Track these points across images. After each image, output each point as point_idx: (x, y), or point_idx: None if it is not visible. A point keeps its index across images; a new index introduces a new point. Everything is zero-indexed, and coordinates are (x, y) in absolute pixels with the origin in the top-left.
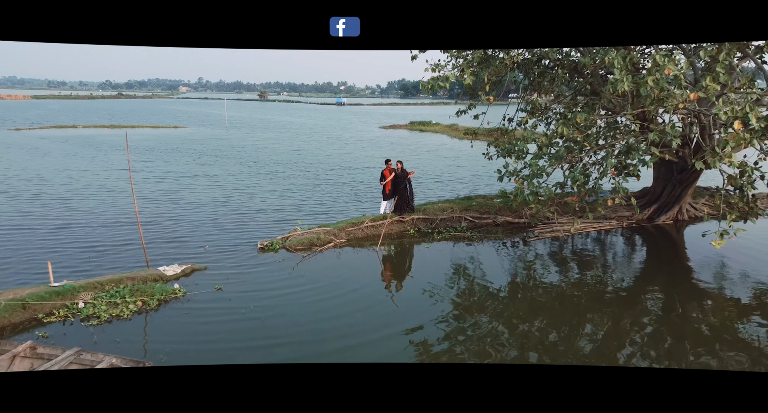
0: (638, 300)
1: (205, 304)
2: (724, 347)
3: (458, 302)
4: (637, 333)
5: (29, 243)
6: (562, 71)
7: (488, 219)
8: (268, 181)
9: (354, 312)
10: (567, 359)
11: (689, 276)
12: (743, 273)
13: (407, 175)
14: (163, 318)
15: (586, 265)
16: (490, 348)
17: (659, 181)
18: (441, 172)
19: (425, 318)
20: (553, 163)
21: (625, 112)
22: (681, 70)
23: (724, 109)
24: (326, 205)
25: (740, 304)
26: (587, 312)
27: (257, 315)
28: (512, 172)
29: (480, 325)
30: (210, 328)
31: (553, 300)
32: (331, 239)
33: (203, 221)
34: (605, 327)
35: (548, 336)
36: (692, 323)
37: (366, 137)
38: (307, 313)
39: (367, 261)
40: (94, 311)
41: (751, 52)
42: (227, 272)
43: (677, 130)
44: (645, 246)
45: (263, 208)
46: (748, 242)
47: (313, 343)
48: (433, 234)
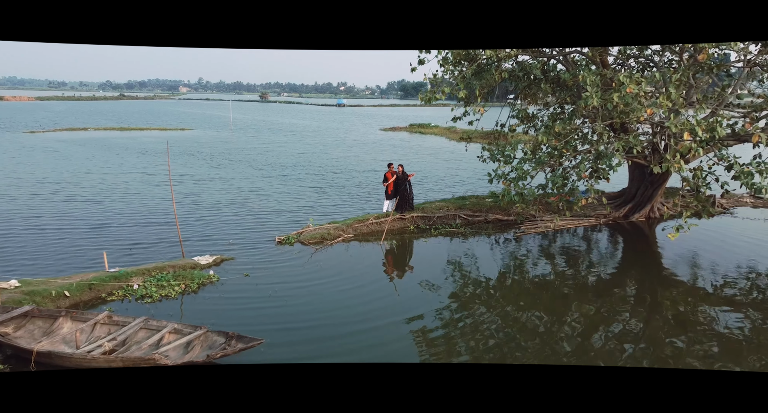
0: (615, 288)
1: (237, 287)
2: (689, 328)
3: (453, 292)
4: (614, 318)
5: (76, 240)
6: (545, 85)
7: (480, 217)
8: (280, 183)
9: (361, 299)
10: (552, 342)
11: (660, 267)
12: (709, 265)
13: (407, 177)
14: (204, 298)
15: (568, 258)
16: (483, 333)
17: (633, 183)
18: (442, 174)
19: (424, 306)
20: (536, 167)
21: (597, 123)
22: (641, 88)
23: (674, 122)
24: (335, 205)
25: (703, 291)
26: (571, 299)
27: (281, 295)
28: (501, 175)
29: (473, 312)
30: (243, 305)
31: (539, 290)
32: (340, 234)
33: (225, 220)
34: (586, 313)
35: (534, 321)
36: (662, 308)
37: (369, 139)
38: (321, 294)
39: (372, 254)
40: (146, 292)
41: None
42: (252, 262)
43: (639, 140)
44: (621, 240)
45: (278, 208)
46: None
47: (328, 326)
48: (430, 230)
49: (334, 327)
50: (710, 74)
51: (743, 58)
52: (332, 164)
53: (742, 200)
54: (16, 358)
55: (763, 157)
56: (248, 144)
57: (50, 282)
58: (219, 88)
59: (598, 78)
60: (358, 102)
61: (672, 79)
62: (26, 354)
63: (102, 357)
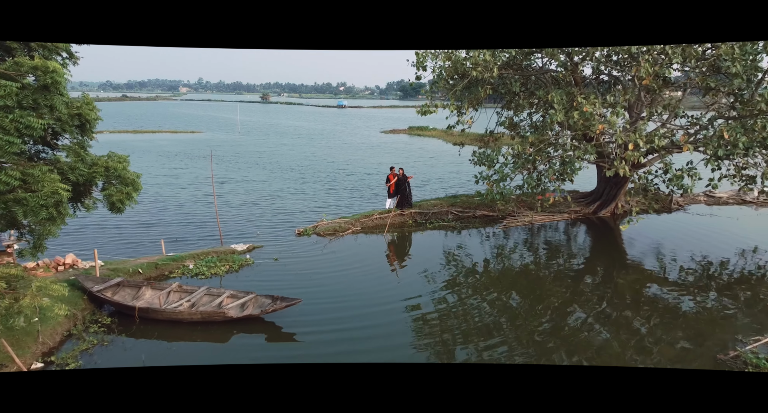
0: (586, 274)
1: (269, 269)
2: (643, 305)
3: (446, 276)
4: (584, 298)
5: (132, 234)
6: (523, 100)
7: (469, 213)
8: (295, 184)
9: (368, 277)
10: (532, 319)
11: (623, 255)
12: (664, 253)
13: (407, 179)
14: (245, 276)
15: (545, 248)
16: (471, 313)
17: (601, 184)
18: (442, 176)
19: (421, 289)
20: (514, 171)
21: (563, 134)
22: (596, 108)
23: (620, 135)
24: (344, 203)
25: (656, 275)
26: (547, 284)
27: (304, 274)
28: (485, 177)
29: (462, 294)
30: (276, 281)
31: (519, 275)
32: (350, 227)
33: (251, 216)
34: (560, 295)
35: (515, 303)
36: (623, 290)
37: (372, 142)
38: (336, 274)
39: (377, 244)
40: (198, 271)
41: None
42: (278, 249)
43: (593, 148)
44: (590, 233)
45: (295, 206)
46: (675, 228)
47: (344, 298)
48: (426, 224)
49: (349, 299)
50: (658, 93)
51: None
52: (341, 167)
53: (697, 198)
54: (119, 314)
55: (694, 163)
56: (258, 147)
57: (126, 262)
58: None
59: (564, 98)
60: (358, 103)
61: (620, 100)
62: (129, 310)
63: (186, 310)
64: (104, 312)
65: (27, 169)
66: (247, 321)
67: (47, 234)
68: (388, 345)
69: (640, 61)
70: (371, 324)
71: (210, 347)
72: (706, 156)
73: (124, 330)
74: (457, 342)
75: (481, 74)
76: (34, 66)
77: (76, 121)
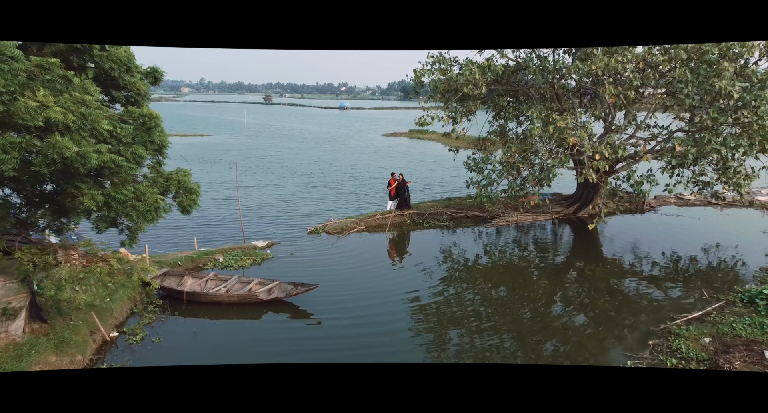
0: (566, 267)
1: (287, 261)
2: (615, 294)
3: (441, 271)
4: (564, 289)
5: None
6: (508, 114)
7: (461, 213)
8: (305, 188)
9: (372, 269)
10: (519, 307)
11: (599, 251)
12: (636, 249)
13: (406, 183)
14: (267, 267)
15: (530, 244)
16: (464, 303)
17: (579, 187)
18: (443, 180)
19: (419, 280)
20: (501, 177)
21: (541, 145)
22: (567, 124)
23: (588, 146)
24: (351, 205)
25: (628, 268)
26: (531, 277)
27: (317, 266)
28: (475, 182)
29: (457, 287)
30: (294, 272)
31: (505, 269)
32: (355, 226)
33: (268, 216)
34: (543, 286)
35: (503, 295)
36: (598, 281)
37: (376, 145)
38: (344, 267)
39: (379, 241)
40: (227, 263)
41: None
42: (293, 245)
43: (567, 157)
44: (570, 231)
45: (306, 207)
46: (647, 227)
47: (352, 286)
48: (423, 223)
49: (355, 287)
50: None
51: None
52: (346, 172)
53: (668, 200)
54: (168, 298)
55: (653, 171)
56: (266, 151)
57: (167, 256)
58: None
59: (543, 114)
60: (359, 104)
61: (589, 117)
62: (177, 294)
63: (224, 293)
64: (156, 296)
65: (136, 185)
66: (274, 303)
67: (140, 230)
68: (392, 329)
69: (605, 83)
70: (376, 307)
71: (245, 323)
72: (663, 165)
73: (175, 310)
74: (452, 327)
75: (471, 91)
76: (142, 114)
77: (156, 146)
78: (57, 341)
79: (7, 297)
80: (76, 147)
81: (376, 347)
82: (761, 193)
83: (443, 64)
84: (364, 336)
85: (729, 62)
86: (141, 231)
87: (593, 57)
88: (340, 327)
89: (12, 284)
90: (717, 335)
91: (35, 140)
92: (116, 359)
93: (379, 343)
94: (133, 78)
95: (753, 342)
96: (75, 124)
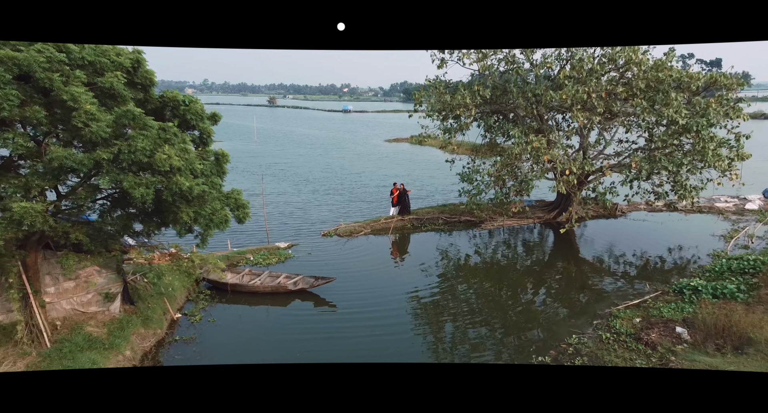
0: (546, 265)
1: (306, 260)
2: (587, 288)
3: (438, 269)
4: (545, 284)
5: None
6: (494, 132)
7: (455, 218)
8: (319, 196)
9: (377, 269)
10: (507, 298)
11: (576, 251)
12: (609, 250)
13: (406, 192)
14: (290, 264)
15: (516, 246)
16: (458, 298)
17: (559, 195)
18: (445, 188)
19: (418, 279)
20: (488, 187)
21: (521, 161)
22: (542, 144)
23: (559, 164)
24: (359, 211)
25: (600, 266)
26: (517, 274)
27: (332, 264)
28: (466, 191)
29: (452, 283)
30: (313, 268)
31: (493, 267)
32: (362, 229)
33: (287, 221)
34: (526, 281)
35: (491, 289)
36: (574, 277)
37: (381, 152)
38: (355, 264)
39: (383, 242)
40: (257, 261)
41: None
42: (310, 246)
43: (543, 172)
44: (551, 234)
45: (320, 214)
46: (620, 230)
47: (362, 279)
48: (421, 227)
49: (364, 280)
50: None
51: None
52: (354, 180)
53: (639, 206)
54: (214, 288)
55: (615, 183)
56: (276, 158)
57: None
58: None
59: (523, 134)
60: (362, 106)
61: (560, 138)
62: (223, 285)
63: (260, 285)
64: (204, 287)
65: (212, 204)
66: (299, 293)
67: (209, 236)
68: (395, 314)
69: (573, 110)
70: (381, 296)
71: (277, 309)
72: (623, 178)
73: (221, 298)
74: (448, 318)
75: (462, 113)
76: (215, 153)
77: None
78: (143, 318)
79: (108, 285)
80: (186, 182)
81: (382, 327)
82: (720, 201)
83: (439, 86)
84: (372, 318)
85: (678, 93)
86: (210, 236)
87: (564, 87)
88: (352, 311)
89: (110, 274)
90: (646, 316)
91: (163, 179)
92: (184, 332)
93: (385, 324)
94: (205, 124)
95: (670, 321)
96: (183, 166)
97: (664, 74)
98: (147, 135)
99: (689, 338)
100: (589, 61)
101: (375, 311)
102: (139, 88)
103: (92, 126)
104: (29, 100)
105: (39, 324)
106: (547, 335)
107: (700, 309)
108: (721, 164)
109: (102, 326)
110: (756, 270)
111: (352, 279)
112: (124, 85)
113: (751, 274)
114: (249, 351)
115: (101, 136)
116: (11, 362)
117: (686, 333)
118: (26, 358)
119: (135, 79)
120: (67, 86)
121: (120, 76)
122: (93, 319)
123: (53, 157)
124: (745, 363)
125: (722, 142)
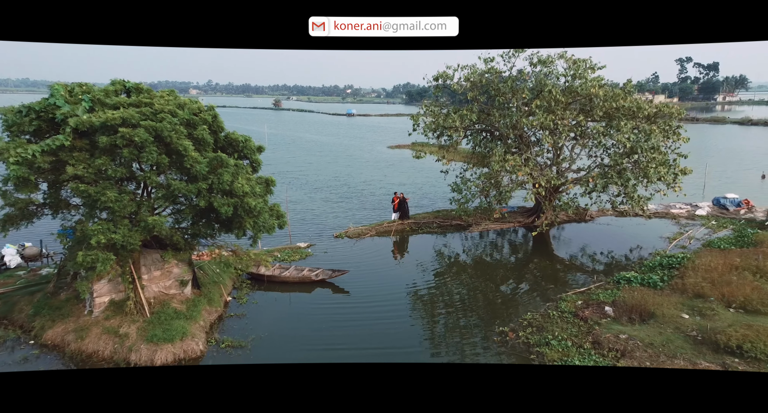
0: (526, 263)
1: (322, 257)
2: (558, 283)
3: (433, 267)
4: (525, 279)
5: None
6: (480, 149)
7: (447, 223)
8: (332, 204)
9: (382, 264)
10: (493, 291)
11: (550, 251)
12: (581, 250)
13: (406, 200)
14: (310, 260)
15: (499, 246)
16: (451, 293)
17: (536, 203)
18: (446, 195)
19: (415, 275)
20: (475, 196)
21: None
22: (517, 162)
23: (530, 179)
24: (366, 216)
25: (571, 263)
26: (500, 271)
27: (345, 261)
28: (455, 200)
29: (445, 280)
30: (329, 264)
31: (479, 265)
32: (368, 232)
33: (304, 225)
34: (509, 279)
35: (480, 282)
36: (548, 273)
37: (385, 159)
38: (364, 261)
39: (386, 243)
40: (282, 258)
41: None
42: (325, 246)
43: (517, 184)
44: (529, 236)
45: (332, 218)
46: (590, 233)
47: (371, 272)
48: (419, 230)
49: (371, 274)
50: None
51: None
52: (362, 188)
53: (607, 212)
54: (253, 279)
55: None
56: (288, 166)
57: None
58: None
59: (503, 152)
60: (365, 109)
61: (533, 156)
62: (260, 277)
63: (289, 276)
64: (245, 278)
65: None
66: (320, 283)
67: (259, 238)
68: (396, 302)
69: (544, 135)
70: (385, 287)
71: (303, 295)
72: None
73: (259, 286)
74: (442, 307)
75: (452, 134)
76: (265, 178)
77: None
78: (207, 299)
79: (182, 274)
80: (253, 202)
81: (386, 310)
82: (675, 207)
83: (435, 107)
84: (378, 303)
85: (628, 120)
86: (259, 238)
87: (536, 114)
88: (362, 296)
89: (184, 266)
90: (586, 300)
91: (238, 200)
92: (236, 310)
93: (388, 309)
94: (256, 155)
95: (603, 302)
96: (249, 190)
97: (618, 104)
98: (228, 170)
99: (612, 314)
100: (556, 93)
101: (380, 298)
102: (212, 132)
103: (196, 166)
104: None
105: (142, 300)
106: (512, 312)
107: (624, 294)
108: (666, 178)
109: (181, 303)
110: (679, 266)
111: (361, 272)
112: (207, 133)
113: (675, 268)
114: (283, 324)
115: (202, 172)
116: (127, 326)
117: (611, 311)
118: (136, 324)
119: (213, 127)
120: (180, 140)
121: (206, 129)
122: (174, 299)
123: (175, 187)
124: (646, 330)
125: (662, 161)
